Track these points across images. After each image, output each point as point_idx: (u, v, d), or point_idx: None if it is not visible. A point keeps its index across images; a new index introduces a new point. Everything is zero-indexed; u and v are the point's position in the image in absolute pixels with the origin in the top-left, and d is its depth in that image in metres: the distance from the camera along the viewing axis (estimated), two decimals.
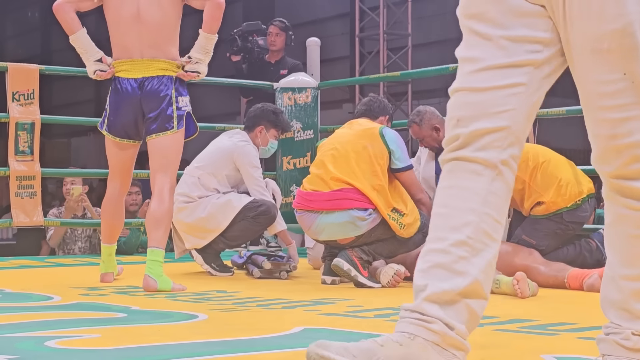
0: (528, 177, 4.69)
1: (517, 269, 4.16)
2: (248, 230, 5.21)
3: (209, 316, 3.34)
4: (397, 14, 13.07)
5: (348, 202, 4.58)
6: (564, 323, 3.16)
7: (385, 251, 4.66)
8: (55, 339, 2.74)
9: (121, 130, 4.46)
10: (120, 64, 4.40)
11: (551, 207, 4.65)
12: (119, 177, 4.56)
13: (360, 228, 4.58)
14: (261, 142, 5.42)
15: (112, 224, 4.62)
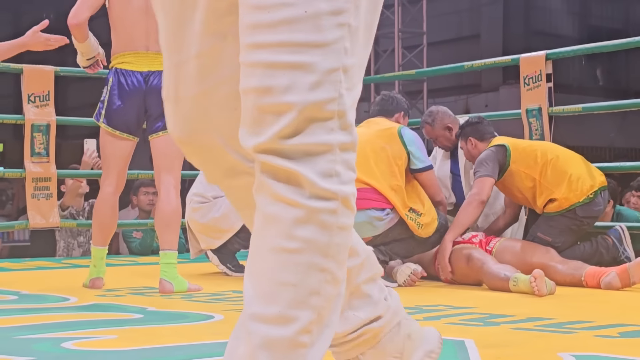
0: (538, 174, 4.68)
1: (535, 267, 4.14)
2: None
3: (225, 316, 3.34)
4: (412, 12, 13.05)
5: (366, 202, 4.57)
6: (581, 321, 3.14)
7: (402, 251, 4.65)
8: (72, 340, 2.74)
9: (122, 123, 4.33)
10: (123, 56, 4.32)
11: (564, 203, 4.63)
12: (115, 174, 4.38)
13: (377, 228, 4.57)
14: None
15: (107, 226, 4.44)
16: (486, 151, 4.79)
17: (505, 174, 4.73)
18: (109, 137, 4.38)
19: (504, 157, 4.72)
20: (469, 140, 5.01)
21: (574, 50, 6.02)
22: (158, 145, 4.33)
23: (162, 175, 4.31)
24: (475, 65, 6.59)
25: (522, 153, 4.73)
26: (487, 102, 14.73)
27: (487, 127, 5.05)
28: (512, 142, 4.83)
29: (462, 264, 4.45)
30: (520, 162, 4.71)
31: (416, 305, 3.67)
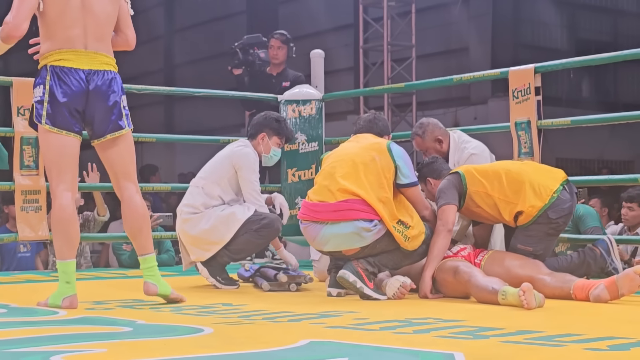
0: (495, 191, 4.71)
1: (523, 280, 4.15)
2: (251, 243, 5.20)
3: (214, 330, 3.34)
4: (401, 25, 13.09)
5: (354, 212, 4.58)
6: (571, 334, 3.15)
7: (390, 262, 4.66)
8: (61, 353, 2.73)
9: (66, 121, 4.08)
10: (60, 53, 4.11)
11: (532, 211, 4.66)
12: (70, 176, 4.14)
13: (365, 239, 4.58)
14: (263, 150, 5.42)
15: (73, 235, 4.12)
16: (442, 182, 4.87)
17: (466, 199, 4.77)
18: (55, 137, 4.10)
19: (460, 183, 4.78)
20: (427, 181, 5.06)
21: (562, 64, 6.05)
22: (111, 151, 4.20)
23: (122, 182, 4.24)
24: (464, 78, 6.61)
25: (476, 175, 4.78)
26: (476, 114, 14.77)
27: (442, 165, 5.13)
28: (465, 168, 4.90)
29: (449, 277, 4.46)
30: (476, 184, 4.76)
31: (406, 318, 3.68)
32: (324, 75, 7.67)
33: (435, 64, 14.69)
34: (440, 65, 14.72)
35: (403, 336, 3.20)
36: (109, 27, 4.24)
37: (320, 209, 4.66)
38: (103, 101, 4.16)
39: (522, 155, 5.82)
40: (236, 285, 5.21)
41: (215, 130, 12.41)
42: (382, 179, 4.64)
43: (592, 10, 16.87)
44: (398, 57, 13.31)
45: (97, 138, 4.21)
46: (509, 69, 6.01)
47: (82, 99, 4.12)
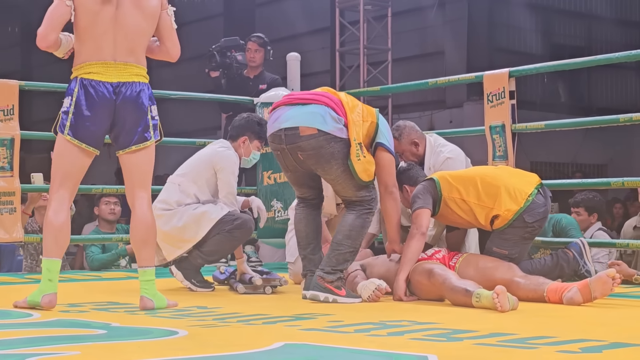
0: (470, 197, 4.73)
1: (497, 283, 4.17)
2: (224, 244, 5.18)
3: (189, 332, 3.33)
4: (377, 28, 13.12)
5: (329, 101, 4.57)
6: (544, 337, 3.17)
7: (340, 235, 4.57)
8: (35, 356, 2.72)
9: (90, 136, 4.18)
10: (90, 66, 4.18)
11: (507, 215, 4.69)
12: (70, 186, 4.22)
13: (326, 124, 4.49)
14: (244, 153, 5.41)
15: (63, 238, 4.19)
16: (417, 187, 4.88)
17: (441, 204, 4.79)
18: (72, 150, 4.21)
19: (435, 189, 4.80)
20: (403, 188, 5.06)
21: (537, 68, 6.10)
22: (132, 161, 4.25)
23: (136, 191, 4.26)
24: (439, 82, 6.64)
25: (450, 181, 4.80)
26: (452, 118, 14.81)
27: (418, 172, 5.15)
28: (439, 174, 4.92)
29: (424, 279, 4.48)
30: (451, 190, 4.79)
31: (380, 320, 3.69)
32: (300, 78, 7.68)
33: (411, 68, 14.72)
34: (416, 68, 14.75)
35: (377, 338, 3.21)
36: (142, 40, 4.26)
37: (297, 95, 4.70)
38: (130, 113, 4.20)
39: (497, 158, 5.85)
40: (211, 287, 5.20)
41: (191, 132, 12.37)
42: (363, 112, 4.61)
43: (567, 15, 16.97)
44: (374, 60, 13.33)
45: (122, 149, 4.25)
46: (483, 73, 6.05)
47: (109, 112, 4.19)
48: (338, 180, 4.56)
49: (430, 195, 4.78)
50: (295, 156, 4.56)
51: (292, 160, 4.60)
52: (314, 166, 4.55)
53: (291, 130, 4.53)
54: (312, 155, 4.51)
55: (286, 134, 4.55)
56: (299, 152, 4.53)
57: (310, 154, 4.51)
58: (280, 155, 4.64)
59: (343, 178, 4.54)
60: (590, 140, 15.36)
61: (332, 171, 4.53)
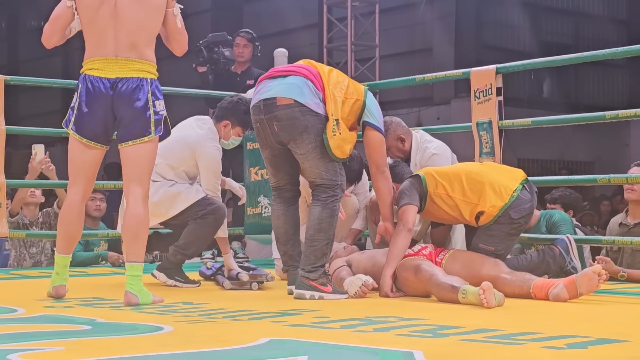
0: (456, 192, 4.74)
1: (483, 279, 4.17)
2: (197, 232, 5.13)
3: (174, 328, 3.32)
4: (365, 25, 13.13)
5: (308, 73, 4.57)
6: (529, 333, 3.17)
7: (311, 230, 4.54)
8: (19, 352, 2.71)
9: (89, 131, 4.26)
10: (92, 62, 4.24)
11: (493, 211, 4.69)
12: (82, 182, 4.34)
13: (304, 95, 4.49)
14: (224, 136, 5.37)
15: (73, 233, 4.40)
16: (403, 183, 4.87)
17: (427, 200, 4.80)
18: (78, 145, 4.30)
19: (421, 185, 4.80)
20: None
21: (524, 65, 6.10)
22: (129, 155, 4.25)
23: (132, 185, 4.25)
24: (427, 79, 6.64)
25: (436, 177, 4.81)
26: (439, 114, 14.84)
27: (404, 169, 5.16)
28: (425, 171, 4.92)
29: (411, 275, 4.47)
30: (437, 186, 4.79)
31: (366, 316, 3.69)
32: None
33: (399, 64, 14.73)
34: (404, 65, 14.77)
35: (363, 334, 3.21)
36: (144, 35, 4.27)
37: (279, 68, 4.73)
38: (126, 108, 4.22)
39: (484, 155, 5.85)
40: (197, 284, 5.18)
41: None
42: (348, 89, 4.60)
43: (554, 12, 17.01)
44: (362, 57, 13.35)
45: (120, 143, 4.27)
46: (471, 70, 6.05)
47: (107, 106, 4.22)
48: (307, 157, 4.52)
49: (416, 192, 4.78)
50: (272, 128, 4.55)
51: (269, 133, 4.58)
52: (287, 138, 4.53)
53: (269, 100, 4.55)
54: (286, 126, 4.50)
55: (264, 104, 4.56)
56: (274, 123, 4.52)
57: (284, 124, 4.50)
58: (260, 127, 4.63)
59: (313, 155, 4.51)
60: (578, 138, 15.42)
61: (304, 145, 4.51)
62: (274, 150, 4.66)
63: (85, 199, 4.42)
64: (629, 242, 5.30)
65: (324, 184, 4.55)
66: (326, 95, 4.52)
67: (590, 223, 10.50)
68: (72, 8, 4.28)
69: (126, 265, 4.24)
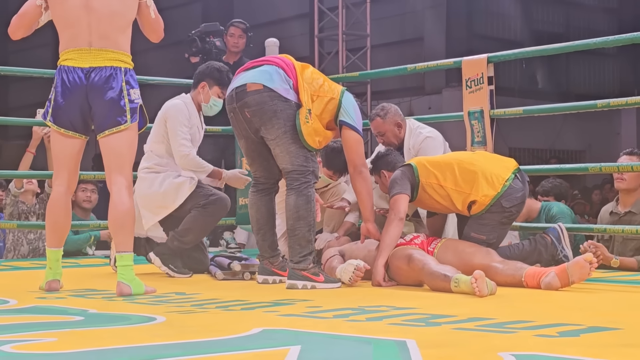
0: (448, 182, 4.74)
1: (476, 268, 4.18)
2: (197, 220, 5.14)
3: (167, 318, 3.32)
4: (356, 14, 13.10)
5: (281, 62, 4.60)
6: (522, 321, 3.18)
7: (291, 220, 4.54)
8: (11, 343, 2.71)
9: (67, 121, 4.26)
10: (67, 53, 4.25)
11: (485, 200, 4.70)
12: (66, 173, 4.34)
13: (273, 81, 4.51)
14: (203, 99, 5.37)
15: (61, 226, 4.39)
16: (395, 172, 4.87)
17: (419, 190, 4.79)
18: (57, 136, 4.32)
19: (412, 175, 4.80)
20: (381, 173, 5.08)
21: (515, 54, 6.10)
22: (108, 145, 4.25)
23: (113, 175, 4.25)
24: (418, 68, 6.63)
25: (428, 166, 4.81)
26: (431, 104, 14.83)
27: (397, 158, 5.15)
28: (417, 160, 4.92)
29: (403, 264, 4.48)
30: (428, 175, 4.79)
31: (359, 306, 3.69)
32: None
33: (390, 54, 14.71)
34: (395, 55, 14.74)
35: (356, 324, 3.21)
36: (117, 23, 4.26)
37: (254, 60, 4.72)
38: (99, 98, 4.22)
39: (475, 144, 5.86)
40: (189, 274, 5.18)
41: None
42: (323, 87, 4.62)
43: (546, 1, 17.01)
44: (353, 46, 13.31)
45: (98, 133, 4.28)
46: (462, 59, 6.05)
47: (82, 96, 4.22)
48: (278, 142, 4.53)
49: (408, 181, 4.78)
50: (244, 115, 4.56)
51: (242, 120, 4.59)
52: (258, 124, 4.54)
53: (240, 88, 4.57)
54: (256, 112, 4.51)
55: (236, 92, 4.59)
56: (245, 110, 4.53)
57: (254, 110, 4.51)
58: (234, 117, 4.64)
59: (283, 140, 4.51)
60: (569, 127, 15.43)
61: (274, 130, 4.51)
62: (249, 142, 4.67)
63: (70, 191, 4.41)
64: (620, 231, 5.31)
65: (295, 169, 4.54)
66: (298, 84, 4.54)
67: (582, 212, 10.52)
68: (41, 7, 4.31)
69: (116, 256, 4.23)
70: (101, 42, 4.22)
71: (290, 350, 2.59)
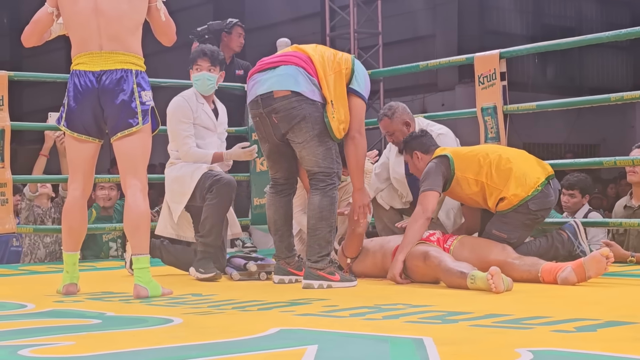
0: (484, 177, 4.73)
1: (492, 264, 4.17)
2: (207, 217, 5.06)
3: (184, 320, 3.33)
4: (367, 12, 13.10)
5: (298, 60, 4.58)
6: (538, 317, 3.18)
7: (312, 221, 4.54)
8: (29, 347, 2.72)
9: (80, 125, 4.28)
10: (79, 57, 4.26)
11: (513, 199, 4.69)
12: (81, 177, 4.35)
13: (299, 84, 4.51)
14: (192, 78, 5.39)
15: (77, 230, 4.40)
16: (430, 164, 4.83)
17: (452, 183, 4.78)
18: (71, 140, 4.34)
19: (448, 167, 4.77)
20: (414, 154, 5.03)
21: (527, 49, 6.08)
22: (121, 148, 4.26)
23: (128, 178, 4.25)
24: (430, 65, 6.63)
25: (465, 160, 4.79)
26: (444, 101, 14.81)
27: (430, 140, 5.09)
28: (454, 151, 4.89)
29: (419, 262, 4.47)
30: (465, 169, 4.76)
31: (375, 304, 3.69)
32: None
33: (402, 51, 14.70)
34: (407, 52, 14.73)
35: (372, 322, 3.21)
36: (126, 26, 4.27)
37: (266, 60, 4.69)
38: (111, 100, 4.23)
39: (489, 140, 5.85)
40: (214, 272, 5.03)
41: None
42: (333, 62, 4.61)
43: None
44: (365, 44, 13.31)
45: (111, 136, 4.29)
46: (474, 55, 6.04)
47: (94, 100, 4.24)
48: (305, 146, 4.53)
49: (442, 176, 4.74)
50: (271, 120, 4.56)
51: (268, 125, 4.59)
52: (286, 128, 4.53)
53: (266, 94, 4.56)
54: (284, 117, 4.51)
55: (262, 99, 4.57)
56: (273, 115, 4.54)
57: (283, 115, 4.51)
58: (259, 121, 4.64)
59: (311, 144, 4.52)
60: (582, 121, 15.38)
61: (302, 134, 4.51)
62: (273, 145, 4.68)
63: (86, 195, 4.42)
64: (636, 224, 5.29)
65: (321, 171, 4.54)
66: (320, 79, 4.54)
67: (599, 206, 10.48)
68: (53, 15, 4.33)
69: (132, 259, 4.25)
70: (111, 44, 4.23)
71: (308, 349, 2.60)
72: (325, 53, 4.66)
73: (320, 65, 4.57)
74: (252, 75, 4.70)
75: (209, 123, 5.34)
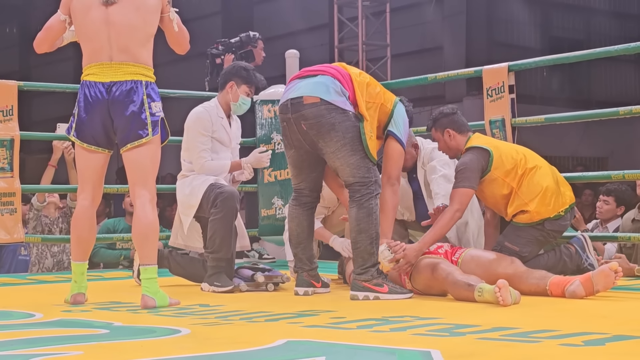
0: (516, 183, 4.71)
1: (500, 277, 4.16)
2: (213, 224, 5.03)
3: (191, 331, 3.33)
4: (376, 24, 13.13)
5: (337, 73, 4.56)
6: (546, 330, 3.17)
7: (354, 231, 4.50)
8: (38, 357, 2.72)
9: (89, 136, 4.30)
10: (89, 68, 4.29)
11: (535, 216, 4.68)
12: (90, 187, 4.37)
13: (329, 94, 4.48)
14: (232, 98, 5.34)
15: (85, 240, 4.41)
16: (470, 156, 4.74)
17: (484, 178, 4.74)
18: (81, 151, 4.36)
19: (487, 163, 4.71)
20: (446, 132, 4.90)
21: (536, 62, 6.09)
22: (131, 159, 4.28)
23: (137, 189, 4.27)
24: (438, 77, 6.63)
25: (505, 159, 4.73)
26: None
27: (462, 119, 4.97)
28: (495, 147, 4.80)
29: (427, 274, 4.47)
30: (502, 169, 4.72)
31: (382, 316, 3.69)
32: None
33: (410, 63, 14.72)
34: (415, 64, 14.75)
35: (380, 334, 3.21)
36: (137, 37, 4.29)
37: (309, 68, 4.69)
38: (121, 111, 4.25)
39: None
40: (232, 285, 5.00)
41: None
42: (376, 96, 4.60)
43: (565, 8, 16.97)
44: (373, 56, 13.34)
45: (121, 147, 4.31)
46: (482, 68, 6.05)
47: (104, 111, 4.26)
48: (337, 155, 4.49)
49: (479, 172, 4.68)
50: (299, 126, 4.53)
51: (296, 131, 4.56)
52: (316, 137, 4.51)
53: (296, 99, 4.54)
54: (314, 125, 4.48)
55: (292, 103, 4.55)
56: (302, 122, 4.51)
57: (312, 122, 4.48)
58: (287, 126, 4.61)
59: (343, 153, 4.48)
60: (591, 134, 15.36)
61: (332, 143, 4.48)
62: (299, 151, 4.64)
63: (95, 205, 4.43)
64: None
65: (357, 182, 4.51)
66: (356, 96, 4.52)
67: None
68: (65, 22, 4.37)
69: (140, 269, 4.26)
70: (121, 55, 4.25)
71: None
72: (371, 83, 4.65)
73: (358, 85, 4.55)
74: (291, 81, 4.70)
75: (225, 138, 5.35)
